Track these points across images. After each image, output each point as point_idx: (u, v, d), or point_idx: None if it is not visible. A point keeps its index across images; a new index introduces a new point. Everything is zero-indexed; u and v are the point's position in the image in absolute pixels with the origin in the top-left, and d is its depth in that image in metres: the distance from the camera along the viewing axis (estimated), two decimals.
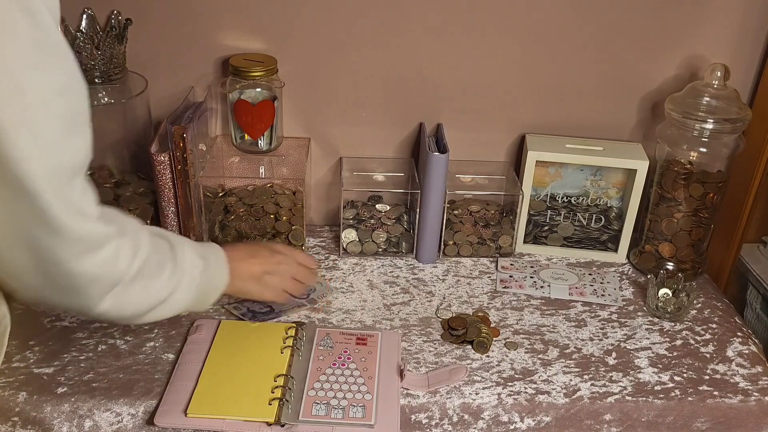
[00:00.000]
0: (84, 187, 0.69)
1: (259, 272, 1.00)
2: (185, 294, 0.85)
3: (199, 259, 0.89)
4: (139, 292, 0.78)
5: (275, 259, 1.02)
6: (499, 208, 1.29)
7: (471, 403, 0.95)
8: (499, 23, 1.19)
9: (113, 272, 0.73)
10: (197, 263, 0.88)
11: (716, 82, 1.12)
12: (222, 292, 0.94)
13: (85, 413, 0.92)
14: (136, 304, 0.79)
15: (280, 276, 1.02)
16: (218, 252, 0.95)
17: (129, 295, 0.77)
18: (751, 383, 1.01)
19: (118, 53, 1.12)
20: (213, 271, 0.92)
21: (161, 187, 1.12)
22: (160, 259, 0.82)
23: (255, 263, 1.00)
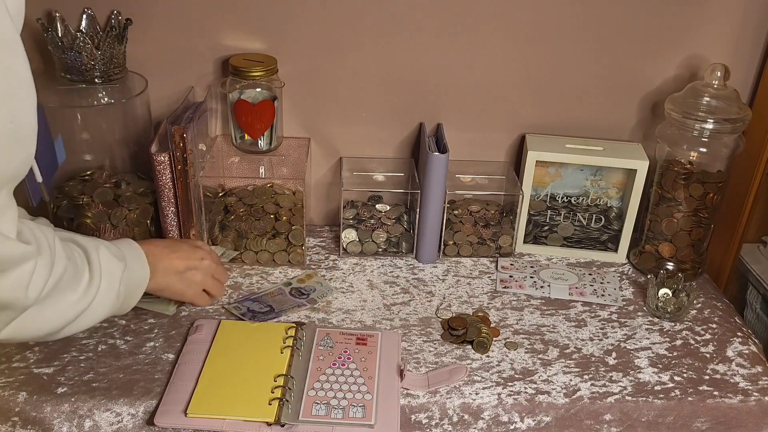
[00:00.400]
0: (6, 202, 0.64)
1: (182, 267, 0.97)
2: (105, 300, 0.83)
3: (116, 261, 0.85)
4: (54, 309, 0.74)
5: (197, 255, 0.99)
6: (499, 208, 1.29)
7: (471, 403, 0.95)
8: (500, 23, 1.19)
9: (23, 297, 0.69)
10: (116, 266, 0.84)
11: (716, 82, 1.12)
12: (144, 288, 0.92)
13: (85, 413, 0.92)
14: (50, 322, 0.75)
15: (203, 273, 0.99)
16: (136, 249, 0.91)
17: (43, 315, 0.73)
18: (751, 383, 1.01)
19: (118, 53, 1.12)
20: (133, 271, 0.89)
21: (161, 187, 1.12)
22: (75, 270, 0.77)
23: (176, 258, 0.97)
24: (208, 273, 1.01)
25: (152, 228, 1.18)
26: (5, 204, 0.64)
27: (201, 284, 1.00)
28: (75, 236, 0.83)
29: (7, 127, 0.59)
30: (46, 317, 0.74)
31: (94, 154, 1.16)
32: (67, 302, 0.76)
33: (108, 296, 0.83)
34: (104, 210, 1.13)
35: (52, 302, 0.74)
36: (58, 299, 0.75)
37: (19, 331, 0.72)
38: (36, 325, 0.73)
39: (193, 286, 0.99)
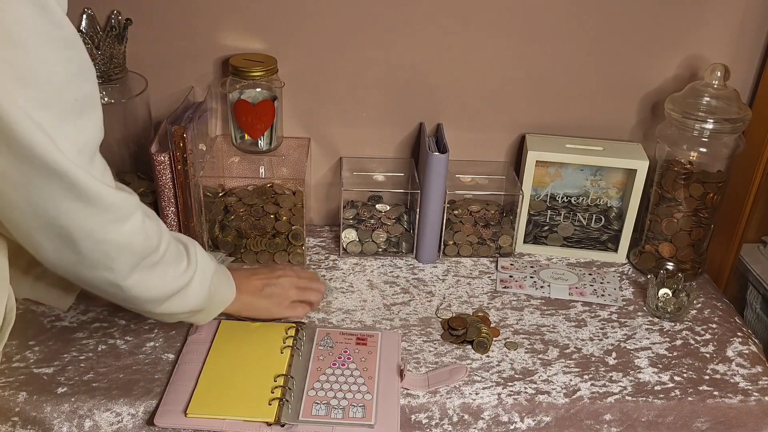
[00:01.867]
0: (103, 164, 0.73)
1: (261, 286, 1.02)
2: (198, 291, 0.88)
3: (210, 260, 0.92)
4: (161, 274, 0.82)
5: (275, 274, 1.05)
6: (499, 208, 1.29)
7: (471, 403, 0.95)
8: (500, 23, 1.19)
9: (142, 242, 0.77)
10: (209, 265, 0.91)
11: (716, 82, 1.12)
12: (229, 303, 0.97)
13: (85, 413, 0.92)
14: (157, 287, 0.82)
15: (282, 287, 1.04)
16: (223, 266, 0.98)
17: (152, 275, 0.80)
18: (751, 383, 1.01)
19: (118, 53, 1.12)
20: (222, 279, 0.95)
21: (161, 187, 1.12)
22: (178, 250, 0.85)
23: (255, 279, 1.03)
24: (289, 286, 1.05)
25: None
26: (103, 164, 0.73)
27: (284, 297, 1.04)
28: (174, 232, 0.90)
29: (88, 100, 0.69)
30: (155, 280, 0.81)
31: None
32: (172, 274, 0.84)
33: (201, 287, 0.89)
34: None
35: (161, 268, 0.81)
36: (166, 268, 0.82)
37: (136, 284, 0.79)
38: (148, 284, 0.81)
39: (277, 301, 1.03)
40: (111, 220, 0.73)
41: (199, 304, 0.90)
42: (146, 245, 0.78)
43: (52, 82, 0.65)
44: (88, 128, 0.70)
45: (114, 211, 0.72)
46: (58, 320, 1.05)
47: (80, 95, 0.68)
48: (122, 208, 0.73)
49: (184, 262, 0.86)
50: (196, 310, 0.91)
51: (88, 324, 1.05)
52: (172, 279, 0.84)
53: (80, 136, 0.68)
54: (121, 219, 0.74)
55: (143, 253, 0.78)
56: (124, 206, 0.74)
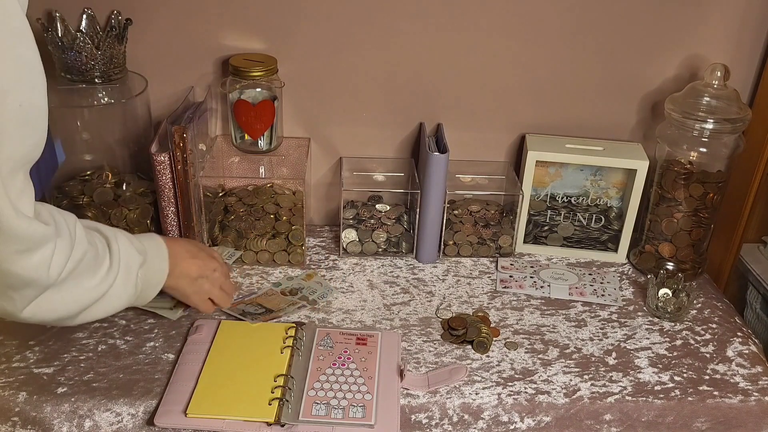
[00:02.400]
0: (24, 183, 0.67)
1: (195, 274, 0.99)
2: (122, 291, 0.84)
3: (137, 254, 0.87)
4: (71, 293, 0.76)
5: (212, 265, 1.02)
6: (499, 208, 1.29)
7: (471, 403, 0.95)
8: (500, 23, 1.19)
9: (45, 278, 0.71)
10: (135, 258, 0.86)
11: (716, 82, 1.12)
12: (161, 286, 0.93)
13: (85, 413, 0.92)
14: (66, 306, 0.77)
15: (211, 282, 1.01)
16: (160, 246, 0.93)
17: (59, 297, 0.75)
18: (751, 383, 1.01)
19: (118, 53, 1.12)
20: (152, 266, 0.90)
21: (161, 187, 1.12)
22: (96, 256, 0.79)
23: (193, 264, 0.98)
24: (217, 284, 1.03)
25: (152, 228, 1.18)
26: (23, 186, 0.66)
27: (207, 292, 1.02)
28: (99, 225, 0.85)
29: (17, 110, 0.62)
30: (64, 300, 0.76)
31: (94, 154, 1.16)
32: (84, 287, 0.78)
33: (125, 286, 0.84)
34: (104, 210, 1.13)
35: (71, 285, 0.75)
36: (77, 283, 0.76)
37: (37, 311, 0.74)
38: (53, 306, 0.75)
39: (200, 293, 1.01)
40: (17, 251, 0.67)
41: (125, 301, 0.86)
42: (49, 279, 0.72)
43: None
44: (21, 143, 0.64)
45: (21, 242, 0.66)
46: None
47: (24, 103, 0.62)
48: (30, 239, 0.67)
49: (105, 265, 0.80)
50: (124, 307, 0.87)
51: (88, 324, 1.05)
52: (86, 292, 0.78)
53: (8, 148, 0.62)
54: (28, 251, 0.68)
55: (46, 287, 0.72)
56: (32, 238, 0.67)
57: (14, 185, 0.65)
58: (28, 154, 0.66)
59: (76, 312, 0.79)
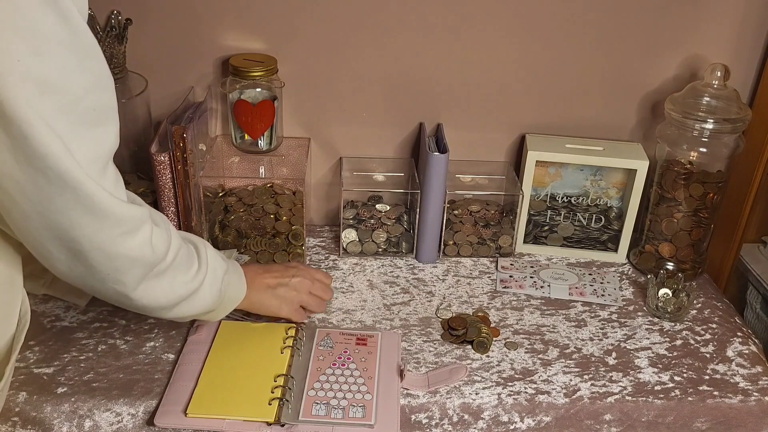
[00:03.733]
0: (116, 174, 0.73)
1: (274, 284, 1.01)
2: (208, 293, 0.88)
3: (221, 260, 0.91)
4: (170, 282, 0.81)
5: (289, 273, 1.03)
6: (499, 208, 1.29)
7: (471, 403, 0.95)
8: (500, 23, 1.19)
9: (150, 255, 0.77)
10: (220, 265, 0.90)
11: (716, 82, 1.12)
12: (240, 301, 0.96)
13: (85, 413, 0.92)
14: (166, 294, 0.82)
15: (295, 289, 1.02)
16: (235, 263, 0.97)
17: (161, 284, 0.80)
18: (751, 383, 1.01)
19: (118, 53, 1.12)
20: (233, 277, 0.94)
21: (161, 187, 1.12)
22: (188, 254, 0.85)
23: (269, 276, 1.01)
24: (302, 289, 1.03)
25: None
26: (115, 176, 0.73)
27: (295, 300, 1.02)
28: (187, 234, 0.91)
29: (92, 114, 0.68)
30: (164, 288, 0.81)
31: None
32: (181, 280, 0.83)
33: (211, 290, 0.88)
34: None
35: (170, 274, 0.81)
36: (175, 274, 0.82)
37: (145, 293, 0.79)
38: (157, 292, 0.80)
39: (287, 302, 1.02)
40: (121, 233, 0.73)
41: (210, 305, 0.89)
42: (155, 257, 0.77)
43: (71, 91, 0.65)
44: (104, 139, 0.70)
45: (124, 225, 0.72)
46: (58, 320, 1.05)
47: (98, 105, 0.68)
48: (132, 221, 0.73)
49: (195, 265, 0.86)
50: (207, 311, 0.91)
51: (88, 324, 1.05)
52: (182, 284, 0.83)
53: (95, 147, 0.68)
54: (130, 232, 0.74)
55: (152, 265, 0.78)
56: (133, 219, 0.74)
57: (108, 177, 0.71)
58: (111, 147, 0.71)
59: (174, 302, 0.83)
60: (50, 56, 0.63)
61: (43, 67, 0.62)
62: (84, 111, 0.66)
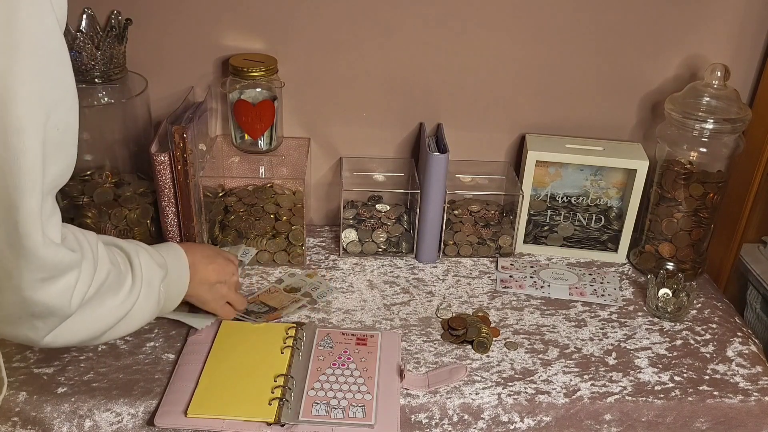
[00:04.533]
0: (53, 207, 0.66)
1: (214, 279, 0.98)
2: (145, 306, 0.83)
3: (158, 268, 0.86)
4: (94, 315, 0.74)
5: (229, 270, 1.01)
6: (499, 208, 1.29)
7: (471, 403, 0.95)
8: (500, 23, 1.19)
9: (67, 305, 0.69)
10: (157, 273, 0.85)
11: (716, 82, 1.12)
12: (180, 299, 0.93)
13: (85, 413, 0.92)
14: (89, 329, 0.75)
15: (229, 287, 1.01)
16: (180, 257, 0.92)
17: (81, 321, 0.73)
18: (751, 383, 1.01)
19: (118, 53, 1.12)
20: (173, 278, 0.90)
21: (161, 187, 1.12)
22: (118, 275, 0.78)
23: (212, 269, 0.98)
24: (233, 287, 1.02)
25: (152, 228, 1.18)
26: (51, 210, 0.65)
27: (225, 297, 1.02)
28: (117, 240, 0.83)
29: (55, 134, 0.61)
30: (86, 323, 0.74)
31: (94, 154, 1.16)
32: (107, 307, 0.76)
33: (148, 302, 0.83)
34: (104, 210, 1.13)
35: (93, 307, 0.74)
36: (99, 304, 0.75)
37: (59, 336, 0.72)
38: (75, 330, 0.73)
39: (218, 299, 1.01)
40: (41, 278, 0.65)
41: (147, 318, 0.84)
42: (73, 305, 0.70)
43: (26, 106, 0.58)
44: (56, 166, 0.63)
45: (47, 270, 0.65)
46: None
47: (61, 124, 0.62)
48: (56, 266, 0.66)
49: (126, 285, 0.78)
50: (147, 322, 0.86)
51: None
52: (110, 312, 0.76)
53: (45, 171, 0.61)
54: (52, 278, 0.66)
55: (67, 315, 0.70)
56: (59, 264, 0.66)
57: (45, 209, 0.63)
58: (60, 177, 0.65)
59: (99, 333, 0.77)
60: (12, 55, 0.57)
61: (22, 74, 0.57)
62: (48, 130, 0.60)
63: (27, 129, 0.59)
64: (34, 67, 0.59)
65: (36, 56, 0.59)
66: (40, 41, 0.59)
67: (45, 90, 0.60)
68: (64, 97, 0.62)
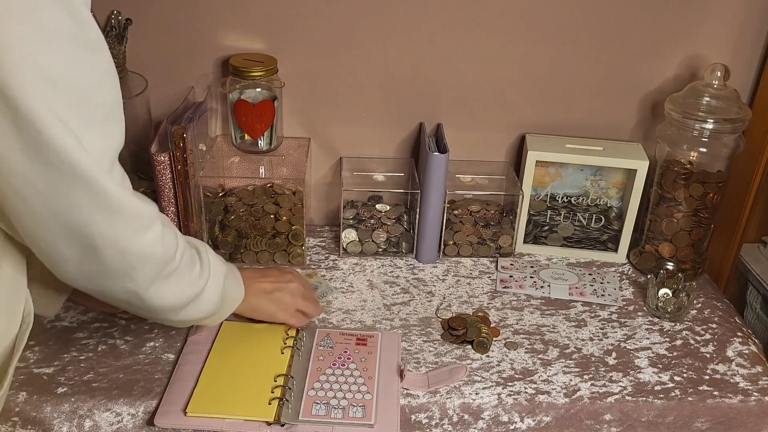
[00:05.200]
0: (122, 171, 0.72)
1: (270, 288, 1.01)
2: (212, 294, 0.87)
3: (222, 264, 0.90)
4: (178, 282, 0.80)
5: (285, 278, 1.03)
6: (499, 208, 1.29)
7: (471, 403, 0.95)
8: (500, 23, 1.19)
9: (162, 252, 0.76)
10: (221, 268, 0.90)
11: (716, 82, 1.12)
12: (238, 305, 0.95)
13: (85, 413, 0.92)
14: (175, 295, 0.81)
15: (291, 294, 1.02)
16: (233, 268, 0.96)
17: (170, 284, 0.79)
18: (751, 383, 1.01)
19: (118, 53, 1.12)
20: (232, 280, 0.93)
21: (161, 187, 1.12)
22: (192, 256, 0.83)
23: (265, 281, 1.01)
24: (297, 294, 1.03)
25: None
26: (122, 172, 0.72)
27: (291, 305, 1.02)
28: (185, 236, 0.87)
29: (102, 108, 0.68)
30: (173, 287, 0.80)
31: None
32: (187, 281, 0.82)
33: (214, 291, 0.87)
34: None
35: (178, 276, 0.79)
36: (182, 275, 0.80)
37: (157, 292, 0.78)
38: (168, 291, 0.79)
39: (283, 307, 1.01)
40: (134, 228, 0.72)
41: (212, 307, 0.88)
42: (166, 254, 0.76)
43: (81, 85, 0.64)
44: (112, 135, 0.70)
45: (137, 220, 0.72)
46: (58, 320, 1.05)
47: (107, 100, 0.68)
48: (144, 216, 0.73)
49: (197, 267, 0.84)
50: (210, 314, 0.89)
51: (88, 324, 1.05)
52: (189, 285, 0.82)
53: (104, 142, 0.68)
54: (144, 228, 0.73)
55: (163, 262, 0.77)
56: (146, 215, 0.73)
57: (117, 173, 0.70)
58: (119, 143, 0.71)
59: (182, 304, 0.82)
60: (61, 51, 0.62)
61: (54, 62, 0.61)
62: (95, 106, 0.66)
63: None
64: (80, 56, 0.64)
65: (80, 47, 0.64)
66: (82, 35, 0.64)
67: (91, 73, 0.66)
68: (105, 77, 0.68)
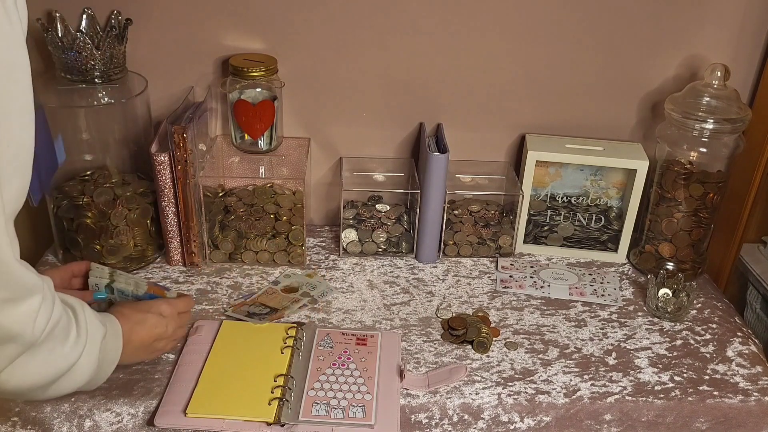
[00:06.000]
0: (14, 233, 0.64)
1: (149, 339, 0.92)
2: (88, 363, 0.78)
3: (100, 324, 0.81)
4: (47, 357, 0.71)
5: (163, 323, 0.94)
6: (499, 208, 1.29)
7: (471, 403, 0.95)
8: (500, 23, 1.19)
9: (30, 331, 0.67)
10: (99, 329, 0.81)
11: (716, 82, 1.12)
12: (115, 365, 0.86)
13: (85, 413, 0.92)
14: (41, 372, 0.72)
15: (167, 340, 0.95)
16: (114, 321, 0.87)
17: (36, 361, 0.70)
18: (751, 383, 1.01)
19: (118, 53, 1.12)
20: (110, 340, 0.84)
21: (161, 187, 1.12)
22: (68, 321, 0.74)
23: (143, 331, 0.91)
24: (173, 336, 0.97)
25: (152, 228, 1.18)
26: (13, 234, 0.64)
27: (167, 347, 0.97)
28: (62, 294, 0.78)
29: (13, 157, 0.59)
30: (39, 365, 0.71)
31: (94, 154, 1.16)
32: (58, 353, 0.73)
33: (90, 358, 0.78)
34: (104, 210, 1.13)
35: (48, 348, 0.71)
36: (53, 347, 0.72)
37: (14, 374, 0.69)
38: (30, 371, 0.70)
39: (159, 352, 0.96)
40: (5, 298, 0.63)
41: (88, 376, 0.79)
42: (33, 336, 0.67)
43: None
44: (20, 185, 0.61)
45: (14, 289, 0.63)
46: None
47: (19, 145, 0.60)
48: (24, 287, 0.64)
49: (72, 334, 0.74)
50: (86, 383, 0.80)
51: None
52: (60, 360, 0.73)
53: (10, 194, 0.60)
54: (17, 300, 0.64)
55: (30, 343, 0.67)
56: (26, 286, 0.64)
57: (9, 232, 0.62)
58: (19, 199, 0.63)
59: (48, 381, 0.73)
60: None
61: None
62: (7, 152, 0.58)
63: None
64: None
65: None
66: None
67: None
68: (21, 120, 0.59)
